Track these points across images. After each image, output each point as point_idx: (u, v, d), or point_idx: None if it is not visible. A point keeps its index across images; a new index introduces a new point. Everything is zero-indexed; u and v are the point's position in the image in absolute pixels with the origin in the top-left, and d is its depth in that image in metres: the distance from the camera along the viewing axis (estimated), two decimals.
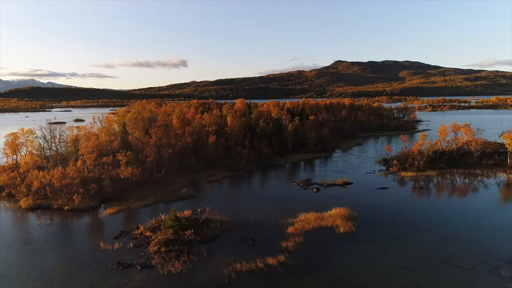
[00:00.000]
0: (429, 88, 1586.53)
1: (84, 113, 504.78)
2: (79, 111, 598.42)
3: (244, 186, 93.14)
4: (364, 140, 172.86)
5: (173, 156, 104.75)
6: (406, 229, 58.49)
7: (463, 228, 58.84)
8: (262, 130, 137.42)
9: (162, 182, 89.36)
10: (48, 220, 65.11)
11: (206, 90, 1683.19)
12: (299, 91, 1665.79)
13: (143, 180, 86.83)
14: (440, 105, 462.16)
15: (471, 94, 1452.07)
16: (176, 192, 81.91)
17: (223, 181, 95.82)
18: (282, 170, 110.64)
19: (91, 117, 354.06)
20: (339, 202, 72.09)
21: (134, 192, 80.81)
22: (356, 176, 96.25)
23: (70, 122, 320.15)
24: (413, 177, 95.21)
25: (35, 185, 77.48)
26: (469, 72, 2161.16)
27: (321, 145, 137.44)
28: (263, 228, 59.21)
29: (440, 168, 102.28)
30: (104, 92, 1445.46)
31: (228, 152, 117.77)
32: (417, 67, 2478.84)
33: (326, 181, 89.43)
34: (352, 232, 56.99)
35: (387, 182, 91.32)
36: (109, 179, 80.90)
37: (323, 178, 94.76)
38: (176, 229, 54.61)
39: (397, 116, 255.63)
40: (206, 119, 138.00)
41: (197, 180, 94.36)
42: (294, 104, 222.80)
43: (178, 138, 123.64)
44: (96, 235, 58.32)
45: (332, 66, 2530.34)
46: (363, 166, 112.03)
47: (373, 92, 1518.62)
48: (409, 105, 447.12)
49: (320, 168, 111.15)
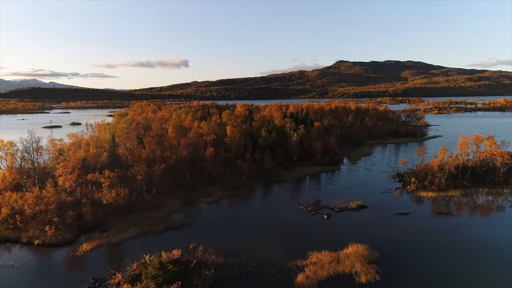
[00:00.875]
0: (432, 88, 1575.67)
1: (83, 115, 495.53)
2: (78, 112, 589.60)
3: (244, 209, 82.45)
4: (372, 149, 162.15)
5: (166, 172, 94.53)
6: (440, 275, 48.02)
7: (508, 272, 48.37)
8: (264, 140, 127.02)
9: (152, 204, 79.03)
10: (11, 260, 54.76)
11: (207, 90, 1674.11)
12: (301, 91, 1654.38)
13: (130, 203, 76.61)
14: (446, 107, 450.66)
15: (475, 95, 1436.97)
16: (166, 219, 71.48)
17: (221, 201, 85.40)
18: (286, 187, 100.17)
19: (89, 120, 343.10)
20: (355, 234, 61.75)
21: (118, 219, 70.56)
22: (370, 197, 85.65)
23: (66, 125, 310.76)
24: (435, 198, 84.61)
25: (3, 212, 67.23)
26: (472, 72, 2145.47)
27: (328, 156, 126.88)
28: (267, 275, 48.79)
29: (463, 186, 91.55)
30: (105, 93, 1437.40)
31: (227, 166, 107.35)
32: (420, 67, 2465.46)
33: (338, 204, 78.90)
34: (376, 283, 46.53)
35: (406, 204, 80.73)
36: (90, 204, 70.59)
37: (333, 198, 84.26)
38: (160, 281, 44.27)
39: (405, 120, 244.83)
40: (204, 128, 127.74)
41: (192, 201, 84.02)
42: (298, 108, 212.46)
43: (173, 149, 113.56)
44: (64, 284, 48.06)
45: (334, 66, 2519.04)
46: (376, 182, 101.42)
47: (376, 92, 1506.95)
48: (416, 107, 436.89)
49: (329, 185, 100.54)
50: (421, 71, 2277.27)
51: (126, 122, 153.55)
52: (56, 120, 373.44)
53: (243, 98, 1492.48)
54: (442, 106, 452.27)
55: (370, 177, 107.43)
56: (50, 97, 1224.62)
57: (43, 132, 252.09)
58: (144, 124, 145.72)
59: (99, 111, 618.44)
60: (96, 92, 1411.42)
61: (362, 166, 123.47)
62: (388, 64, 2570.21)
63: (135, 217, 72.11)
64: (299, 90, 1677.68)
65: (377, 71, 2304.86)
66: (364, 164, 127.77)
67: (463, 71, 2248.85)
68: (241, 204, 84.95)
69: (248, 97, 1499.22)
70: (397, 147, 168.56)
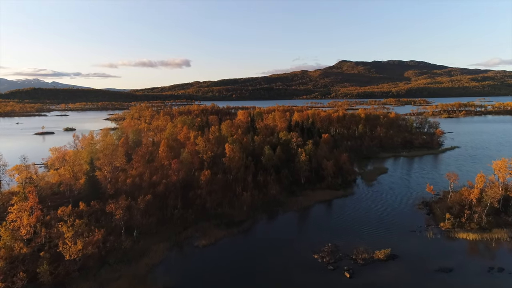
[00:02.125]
0: (436, 88, 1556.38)
1: (80, 118, 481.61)
2: (77, 115, 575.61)
3: (243, 260, 66.13)
4: (387, 163, 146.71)
5: (151, 203, 79.69)
6: None
7: None
8: (268, 159, 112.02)
9: (131, 253, 64.08)
10: None
11: (209, 90, 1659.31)
12: (303, 91, 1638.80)
13: (103, 253, 61.75)
14: (456, 110, 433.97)
15: (480, 95, 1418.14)
16: (145, 278, 56.37)
17: (216, 245, 70.15)
18: (294, 220, 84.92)
19: (86, 123, 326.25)
20: None
21: (85, 278, 55.65)
22: (398, 240, 70.37)
23: (60, 132, 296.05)
24: (477, 242, 69.34)
25: None
26: (475, 72, 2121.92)
27: (340, 177, 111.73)
28: None
29: (509, 224, 76.13)
30: (106, 93, 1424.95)
31: (225, 193, 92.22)
32: (423, 67, 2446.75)
33: (360, 252, 63.61)
34: None
35: (444, 252, 65.36)
36: (49, 259, 55.73)
37: (353, 241, 69.09)
38: None
39: (416, 126, 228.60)
40: (200, 145, 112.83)
41: (181, 245, 69.09)
42: (303, 116, 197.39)
43: (164, 171, 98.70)
44: None
45: (337, 66, 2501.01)
46: (400, 214, 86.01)
47: (379, 93, 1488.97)
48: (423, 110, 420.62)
49: (345, 218, 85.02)
50: (424, 71, 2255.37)
51: (115, 134, 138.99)
52: (51, 125, 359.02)
53: (245, 98, 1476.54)
54: (450, 109, 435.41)
55: (391, 207, 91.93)
56: (50, 97, 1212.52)
57: (33, 140, 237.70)
58: (133, 139, 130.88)
59: (98, 113, 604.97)
60: (97, 92, 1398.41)
61: (380, 190, 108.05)
62: (391, 64, 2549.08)
63: (107, 273, 57.23)
64: (301, 91, 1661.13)
65: (380, 71, 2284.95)
66: (381, 186, 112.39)
67: (467, 71, 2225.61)
68: (240, 251, 69.27)
69: (250, 98, 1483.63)
70: (412, 161, 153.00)
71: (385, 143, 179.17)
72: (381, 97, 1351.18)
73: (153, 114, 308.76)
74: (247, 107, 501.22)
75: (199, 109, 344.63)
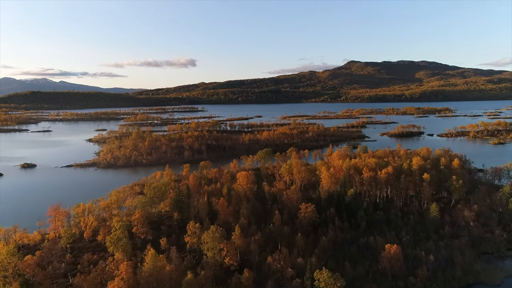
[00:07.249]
0: (451, 91, 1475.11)
1: (64, 133, 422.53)
2: (63, 129, 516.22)
3: None
4: None
5: None
6: None
7: None
8: None
9: None
10: None
11: (214, 93, 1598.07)
12: (312, 94, 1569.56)
13: None
14: (501, 130, 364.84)
15: (497, 98, 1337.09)
16: None
17: None
18: None
19: (62, 147, 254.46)
20: None
21: None
22: None
23: (12, 170, 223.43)
24: None
25: None
26: (490, 73, 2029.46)
27: None
28: None
29: None
30: (107, 96, 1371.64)
31: None
32: (434, 67, 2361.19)
33: None
34: None
35: None
36: None
37: None
38: None
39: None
40: None
41: None
42: (336, 173, 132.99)
43: None
44: None
45: (345, 66, 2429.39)
46: None
47: (391, 96, 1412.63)
48: (461, 130, 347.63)
49: None
50: (436, 71, 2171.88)
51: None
52: (12, 153, 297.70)
53: (252, 102, 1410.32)
54: (495, 129, 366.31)
55: None
56: (49, 101, 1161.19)
57: None
58: None
59: (89, 125, 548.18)
60: (97, 96, 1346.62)
61: None
62: (401, 65, 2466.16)
63: None
64: (309, 93, 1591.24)
65: (390, 71, 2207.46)
66: None
67: (480, 71, 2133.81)
68: None
69: (256, 101, 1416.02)
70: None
71: (474, 236, 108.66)
72: (394, 101, 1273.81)
73: (136, 145, 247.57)
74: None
75: (194, 137, 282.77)
